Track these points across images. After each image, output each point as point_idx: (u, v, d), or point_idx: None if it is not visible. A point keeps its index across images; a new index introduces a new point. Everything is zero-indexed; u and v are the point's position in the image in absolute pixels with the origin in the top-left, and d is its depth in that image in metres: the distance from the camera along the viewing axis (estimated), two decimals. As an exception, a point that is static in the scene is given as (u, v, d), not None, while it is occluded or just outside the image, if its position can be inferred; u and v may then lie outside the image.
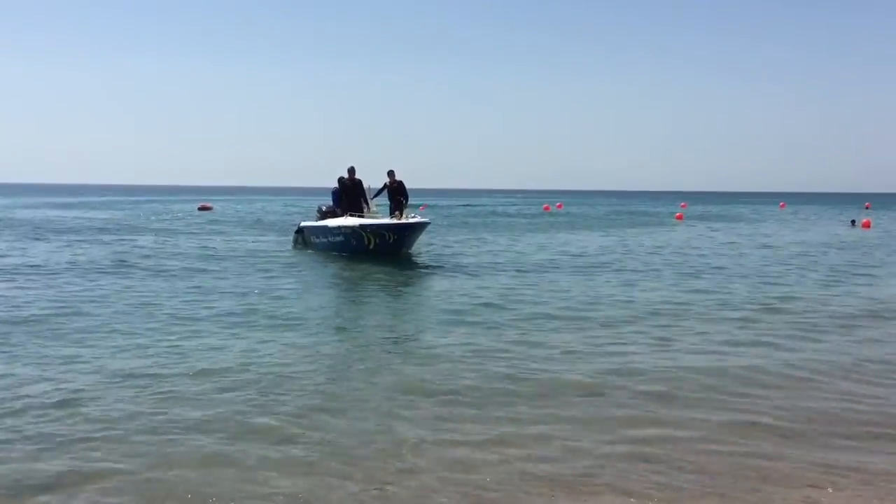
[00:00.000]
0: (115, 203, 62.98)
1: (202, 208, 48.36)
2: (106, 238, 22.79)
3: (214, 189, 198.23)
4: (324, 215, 19.69)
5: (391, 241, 15.96)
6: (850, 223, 38.88)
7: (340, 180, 18.11)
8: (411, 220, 16.16)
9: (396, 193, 17.56)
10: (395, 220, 16.19)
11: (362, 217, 17.05)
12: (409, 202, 17.62)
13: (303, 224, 20.37)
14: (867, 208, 67.27)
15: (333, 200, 18.54)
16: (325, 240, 17.91)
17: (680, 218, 43.40)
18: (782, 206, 74.99)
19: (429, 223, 16.74)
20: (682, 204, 71.42)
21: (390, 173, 17.65)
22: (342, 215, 17.87)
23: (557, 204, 70.13)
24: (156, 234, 24.38)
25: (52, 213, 39.96)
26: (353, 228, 16.36)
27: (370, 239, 16.10)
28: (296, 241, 20.54)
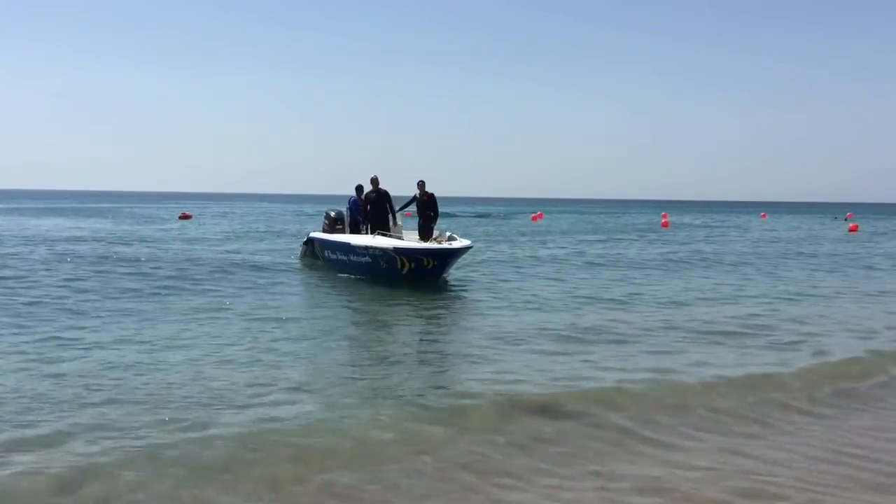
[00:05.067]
0: (93, 210, 60.26)
1: (183, 217, 46.68)
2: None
3: (198, 195, 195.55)
4: (333, 222, 17.87)
5: (430, 267, 14.18)
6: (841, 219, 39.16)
7: (361, 190, 16.31)
8: (454, 245, 14.40)
9: (426, 208, 15.78)
10: (434, 245, 14.41)
11: (391, 236, 15.28)
12: (438, 218, 15.90)
13: (312, 235, 18.49)
14: (849, 217, 66.95)
15: (353, 211, 16.74)
16: (344, 258, 16.05)
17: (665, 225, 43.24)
18: (763, 216, 74.51)
19: (471, 247, 14.94)
20: (664, 214, 70.21)
21: (420, 184, 15.86)
22: (363, 231, 16.12)
23: (538, 213, 67.89)
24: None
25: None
26: (384, 251, 14.54)
27: (405, 263, 14.31)
28: (303, 254, 18.74)
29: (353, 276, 15.30)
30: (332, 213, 18.15)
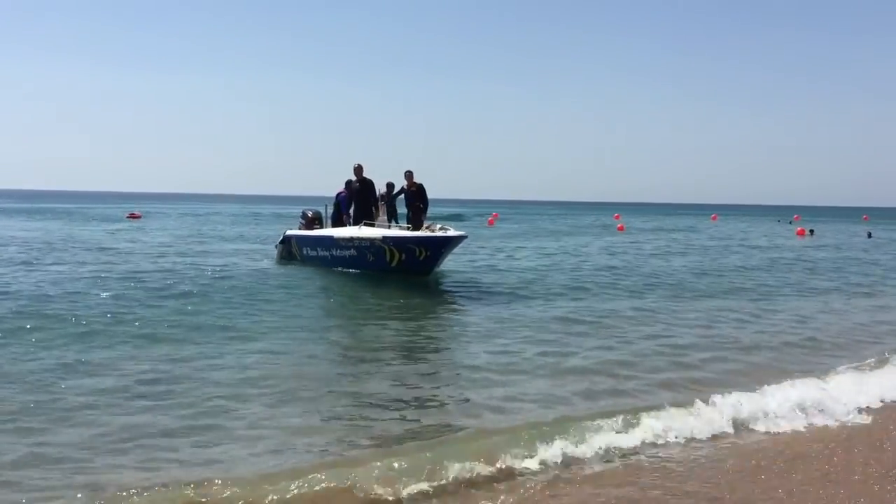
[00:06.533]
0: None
1: (131, 217, 44.89)
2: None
3: (163, 196, 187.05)
4: (310, 222, 17.00)
5: (422, 258, 13.34)
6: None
7: (349, 183, 15.37)
8: (448, 234, 13.55)
9: (414, 199, 14.94)
10: (427, 233, 13.55)
11: (378, 226, 14.42)
12: (427, 211, 15.09)
13: (289, 233, 17.50)
14: (796, 220, 68.10)
15: (342, 206, 15.79)
16: (326, 253, 15.19)
17: (621, 229, 42.67)
18: (713, 218, 75.35)
19: (466, 237, 14.16)
20: (616, 216, 70.44)
21: (408, 174, 15.02)
22: (348, 224, 15.25)
23: (494, 214, 67.08)
24: None
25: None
26: (371, 241, 13.69)
27: (395, 254, 13.50)
28: (280, 254, 17.71)
29: (338, 271, 14.50)
30: (310, 213, 17.32)
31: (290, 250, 17.14)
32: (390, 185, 15.41)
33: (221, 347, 8.07)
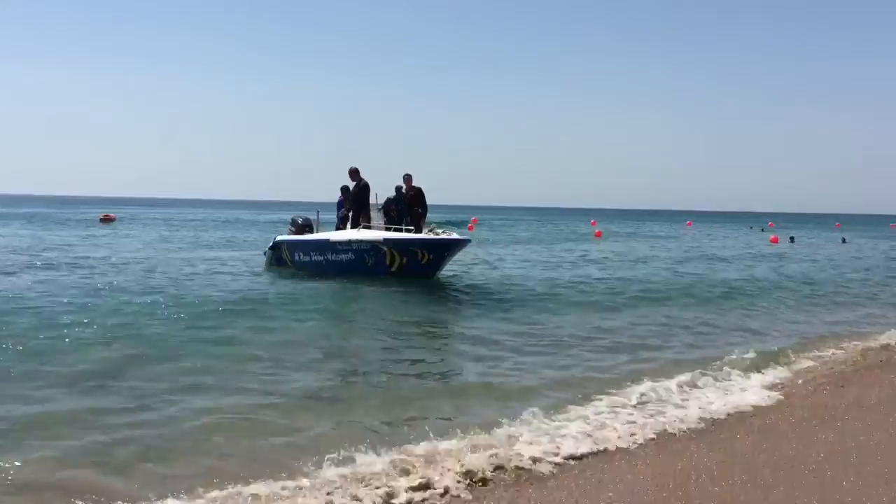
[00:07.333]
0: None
1: (104, 219, 43.97)
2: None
3: (122, 200, 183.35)
4: (300, 230, 16.57)
5: (424, 261, 13.01)
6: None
7: (347, 190, 14.94)
8: (452, 237, 13.26)
9: (413, 203, 14.59)
10: (430, 235, 13.25)
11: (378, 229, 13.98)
12: (427, 216, 14.73)
13: (279, 238, 17.02)
14: (770, 227, 68.82)
15: (339, 210, 15.31)
16: (320, 258, 14.76)
17: (598, 235, 42.27)
18: (689, 224, 76.02)
19: (469, 240, 13.86)
20: (592, 222, 70.78)
21: (407, 178, 14.68)
22: (345, 227, 14.80)
23: (473, 219, 67.03)
24: None
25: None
26: (371, 243, 13.33)
27: (396, 258, 13.14)
28: (269, 261, 17.20)
29: (333, 275, 14.08)
30: (300, 220, 16.90)
31: (280, 256, 16.61)
32: (399, 189, 14.99)
33: (203, 356, 7.66)
